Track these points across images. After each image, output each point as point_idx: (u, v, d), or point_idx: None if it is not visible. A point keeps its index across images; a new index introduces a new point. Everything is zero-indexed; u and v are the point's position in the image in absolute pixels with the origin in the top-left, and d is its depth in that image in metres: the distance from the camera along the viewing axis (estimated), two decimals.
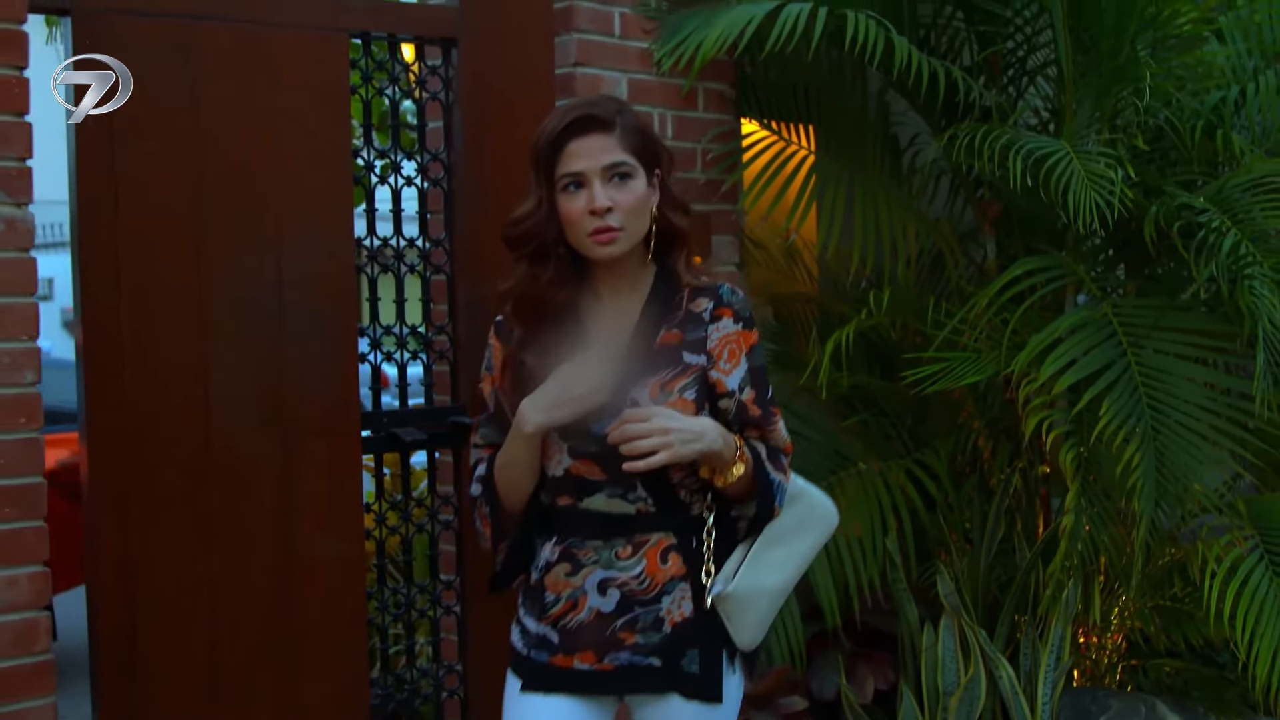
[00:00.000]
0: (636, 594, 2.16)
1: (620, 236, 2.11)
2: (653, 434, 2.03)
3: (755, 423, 2.19)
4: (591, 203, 2.09)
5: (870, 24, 3.33)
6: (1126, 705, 3.69)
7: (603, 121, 2.11)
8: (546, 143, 2.11)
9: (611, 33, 3.39)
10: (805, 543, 2.29)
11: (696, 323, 2.17)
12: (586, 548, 2.18)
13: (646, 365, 2.14)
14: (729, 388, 2.16)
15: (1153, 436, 3.09)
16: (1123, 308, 3.32)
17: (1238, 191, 3.40)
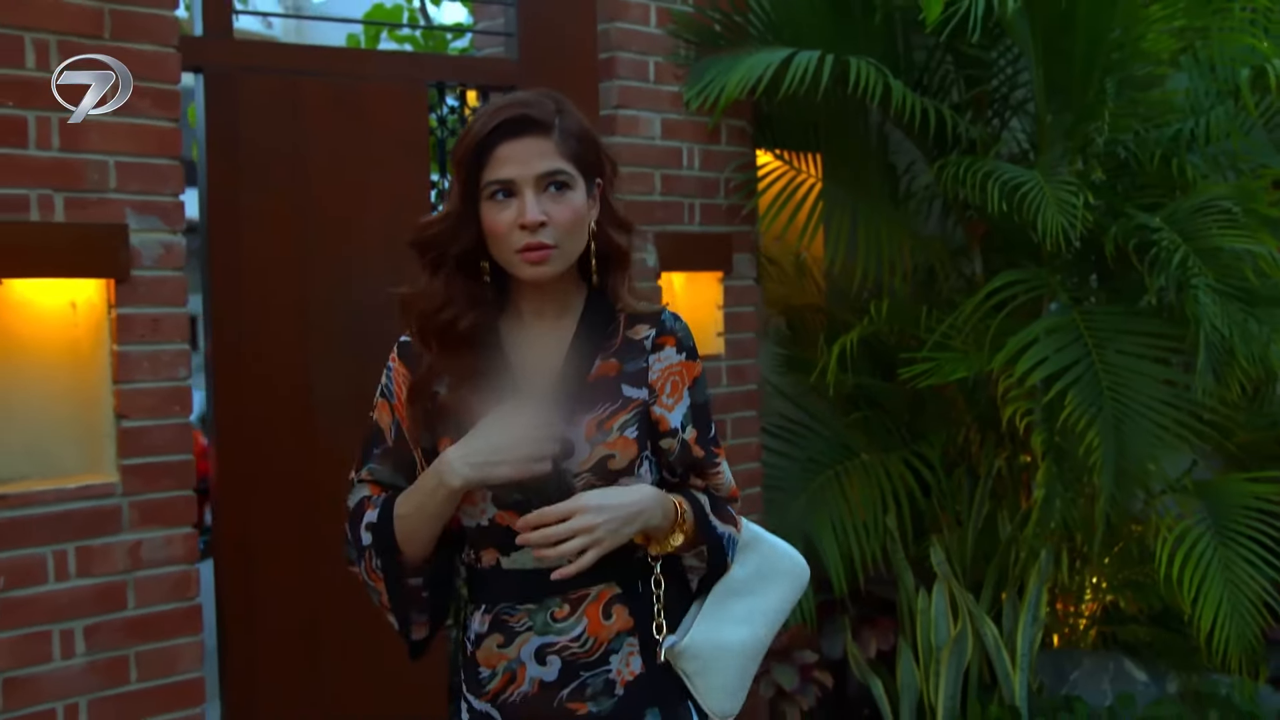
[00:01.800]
0: (579, 658, 1.90)
1: (554, 255, 1.86)
2: (575, 533, 1.80)
3: (698, 465, 1.98)
4: (522, 215, 1.83)
5: (870, 69, 3.87)
6: (1097, 663, 4.24)
7: (539, 123, 1.85)
8: (473, 144, 1.85)
9: (647, 79, 3.94)
10: (772, 595, 2.05)
11: (636, 352, 1.95)
12: (518, 613, 1.92)
13: (581, 400, 1.91)
14: (672, 425, 1.95)
15: (1113, 424, 3.63)
16: (1089, 314, 3.87)
17: (1189, 213, 3.94)
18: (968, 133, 4.13)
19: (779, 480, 4.41)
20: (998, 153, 4.24)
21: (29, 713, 2.77)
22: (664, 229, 3.96)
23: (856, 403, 4.57)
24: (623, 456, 1.89)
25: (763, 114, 4.32)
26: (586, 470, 1.88)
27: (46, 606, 2.79)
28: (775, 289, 4.64)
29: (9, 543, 2.74)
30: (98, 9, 2.85)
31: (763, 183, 4.33)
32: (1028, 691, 3.99)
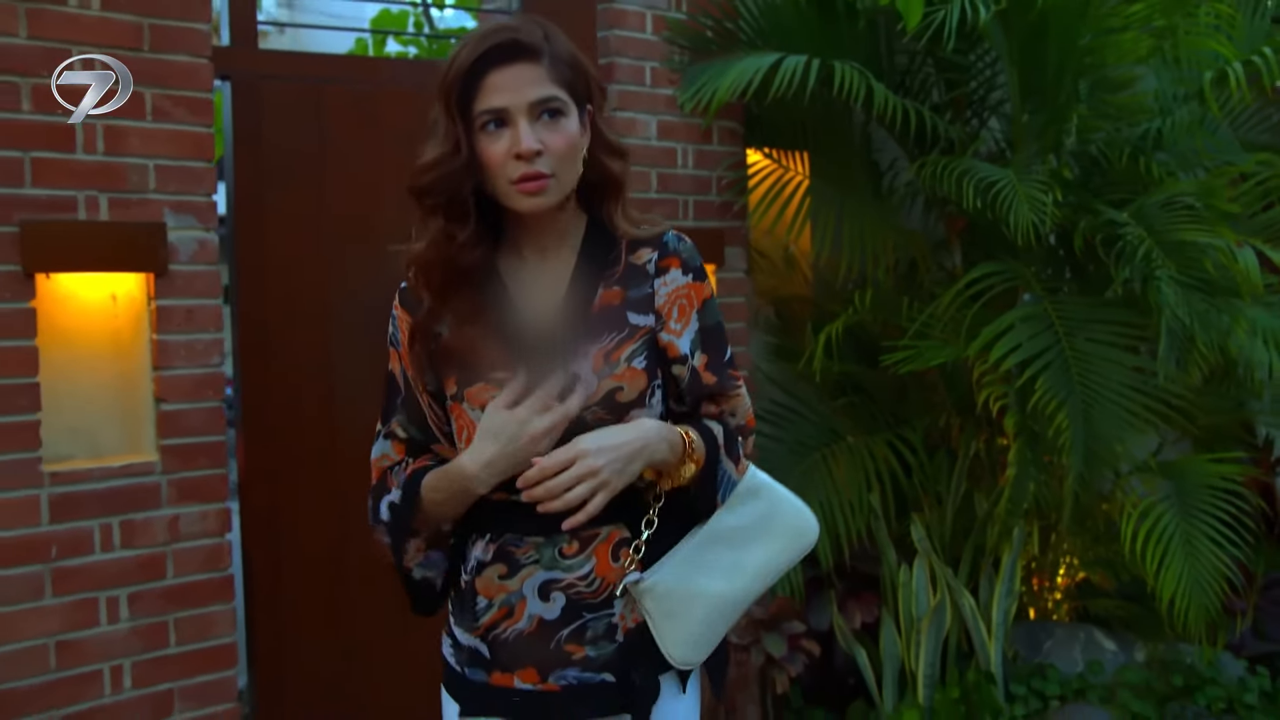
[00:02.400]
0: (585, 597, 1.87)
1: (551, 184, 1.81)
2: (580, 479, 1.76)
3: (711, 392, 1.94)
4: (517, 144, 1.78)
5: (853, 73, 4.11)
6: (1069, 634, 4.51)
7: (529, 49, 1.80)
8: (460, 73, 1.78)
9: (644, 83, 4.19)
10: (765, 551, 1.96)
11: (640, 277, 1.90)
12: (525, 545, 1.88)
13: (586, 331, 1.87)
14: (681, 351, 1.90)
15: (1081, 407, 3.89)
16: (1060, 304, 4.13)
17: (1155, 208, 4.20)
18: (946, 132, 4.38)
19: (769, 462, 4.65)
20: (975, 151, 4.49)
21: (78, 673, 3.02)
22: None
23: (842, 388, 4.82)
24: (631, 388, 1.84)
25: (752, 115, 4.56)
26: (595, 404, 1.83)
27: (94, 575, 3.04)
28: (765, 280, 4.89)
29: (60, 516, 2.98)
30: (137, 23, 3.09)
31: (753, 180, 4.58)
32: (1003, 659, 4.25)
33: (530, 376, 1.83)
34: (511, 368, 1.84)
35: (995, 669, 4.21)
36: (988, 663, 4.22)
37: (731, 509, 1.93)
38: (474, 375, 1.87)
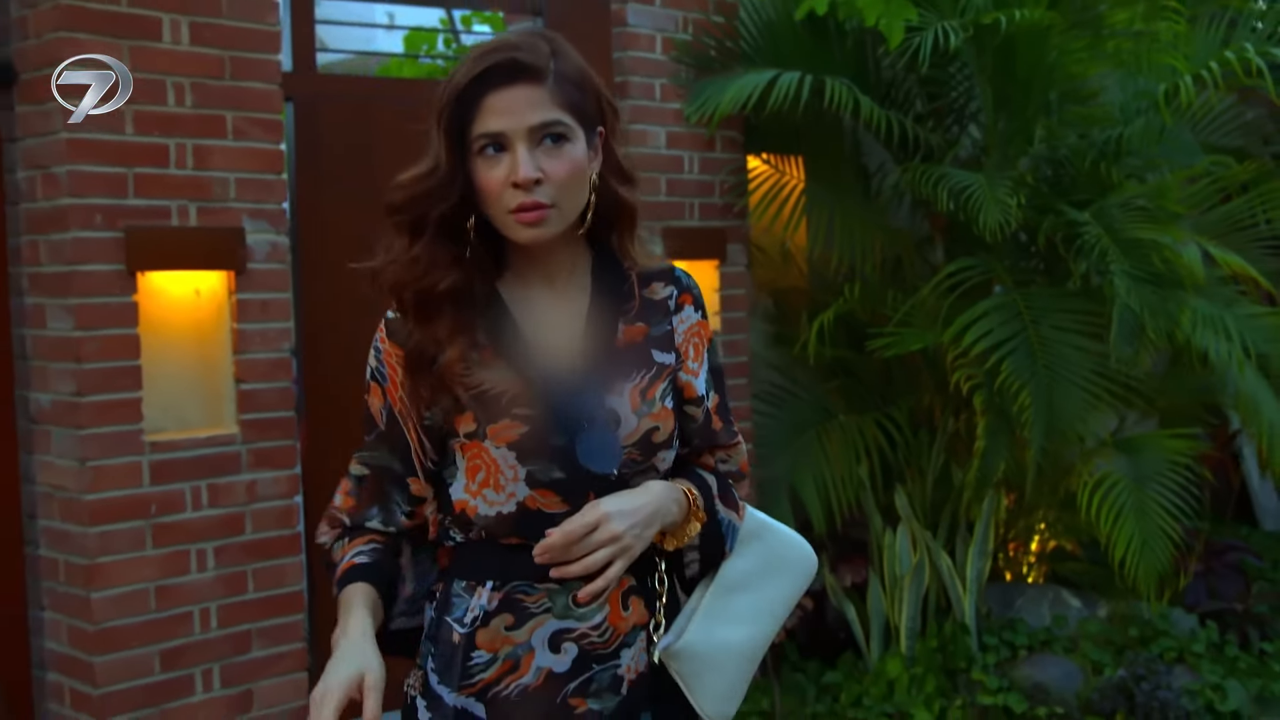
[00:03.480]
0: (596, 648, 1.80)
1: (551, 215, 1.73)
2: (602, 544, 1.72)
3: (718, 439, 1.91)
4: (515, 172, 1.69)
5: (842, 87, 4.64)
6: (1038, 593, 5.05)
7: (531, 70, 1.71)
8: (455, 93, 1.71)
9: (654, 98, 4.73)
10: (777, 590, 1.96)
11: (659, 313, 1.86)
12: (537, 592, 1.78)
13: (615, 367, 1.81)
14: (698, 392, 1.87)
15: (1044, 387, 4.43)
16: (1027, 295, 4.67)
17: (1114, 209, 4.74)
18: (927, 140, 4.92)
19: (768, 438, 5.19)
20: (955, 156, 5.03)
21: (173, 614, 3.57)
22: (668, 224, 4.75)
23: (834, 372, 5.36)
24: (665, 428, 1.80)
25: (752, 124, 5.09)
26: (631, 444, 1.78)
27: (186, 531, 3.58)
28: (764, 274, 5.43)
29: (158, 480, 3.53)
30: (220, 56, 3.63)
31: (753, 183, 5.12)
32: (976, 613, 4.80)
33: (556, 413, 1.76)
34: (535, 405, 1.76)
35: (969, 622, 4.75)
36: (963, 616, 4.77)
37: (738, 554, 1.92)
38: (496, 412, 1.76)
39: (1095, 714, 4.48)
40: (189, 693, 3.58)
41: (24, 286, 3.56)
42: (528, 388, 1.77)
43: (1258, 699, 4.55)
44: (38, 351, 3.54)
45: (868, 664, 4.84)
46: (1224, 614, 5.15)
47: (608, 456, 1.77)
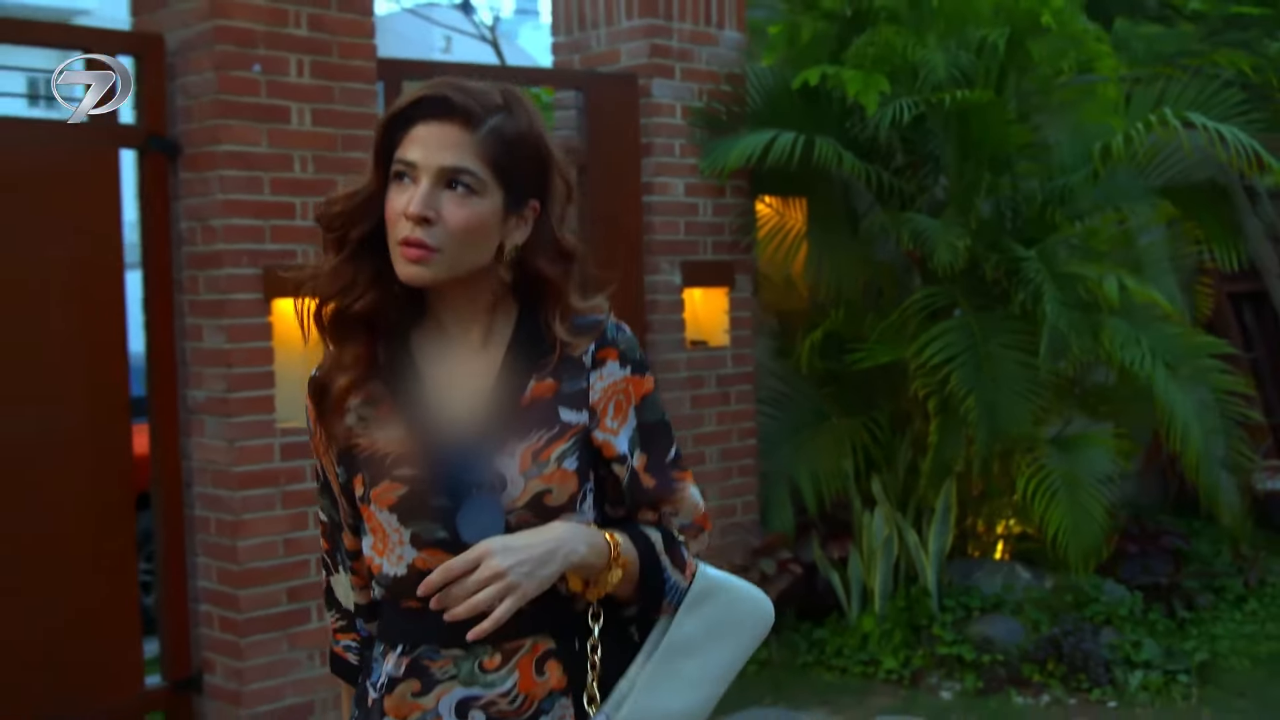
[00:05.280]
0: (507, 716, 1.78)
1: (434, 259, 1.72)
2: (485, 582, 1.68)
3: (651, 498, 1.86)
4: (409, 205, 1.71)
5: (828, 146, 5.78)
6: (994, 567, 6.18)
7: (463, 112, 1.73)
8: (390, 116, 1.76)
9: (674, 154, 5.90)
10: (727, 652, 1.89)
11: (575, 369, 1.82)
12: (442, 658, 1.79)
13: (513, 427, 1.78)
14: (619, 450, 1.83)
15: (988, 393, 5.55)
16: (978, 318, 5.79)
17: (1055, 246, 5.86)
18: (902, 188, 6.06)
19: (771, 436, 6.33)
20: (928, 201, 6.17)
21: (296, 560, 4.76)
22: (686, 258, 5.92)
23: (828, 380, 6.50)
24: (561, 491, 1.77)
25: (758, 174, 6.23)
26: (521, 507, 1.76)
27: (306, 497, 4.78)
28: (770, 297, 6.58)
29: (286, 457, 4.73)
30: (334, 134, 4.83)
31: (760, 222, 6.27)
32: (938, 581, 5.92)
33: (442, 474, 1.76)
34: (419, 465, 1.77)
35: (931, 587, 5.88)
36: (926, 582, 5.89)
37: (687, 614, 1.85)
38: (379, 473, 1.79)
39: (1031, 662, 5.59)
40: (307, 621, 4.78)
41: (185, 310, 4.76)
42: (414, 447, 1.77)
43: (1167, 652, 5.63)
44: (195, 359, 4.74)
45: (849, 622, 5.97)
46: (1154, 588, 6.23)
47: (486, 527, 1.74)
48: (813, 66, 5.95)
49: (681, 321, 5.93)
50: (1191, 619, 6.10)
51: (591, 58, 5.99)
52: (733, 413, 6.10)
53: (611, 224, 5.69)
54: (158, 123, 4.66)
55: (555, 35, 6.20)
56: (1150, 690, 5.39)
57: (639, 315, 5.79)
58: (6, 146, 4.40)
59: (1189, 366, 5.94)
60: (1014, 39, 5.76)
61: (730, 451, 6.10)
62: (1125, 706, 5.32)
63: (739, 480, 6.12)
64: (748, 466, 6.17)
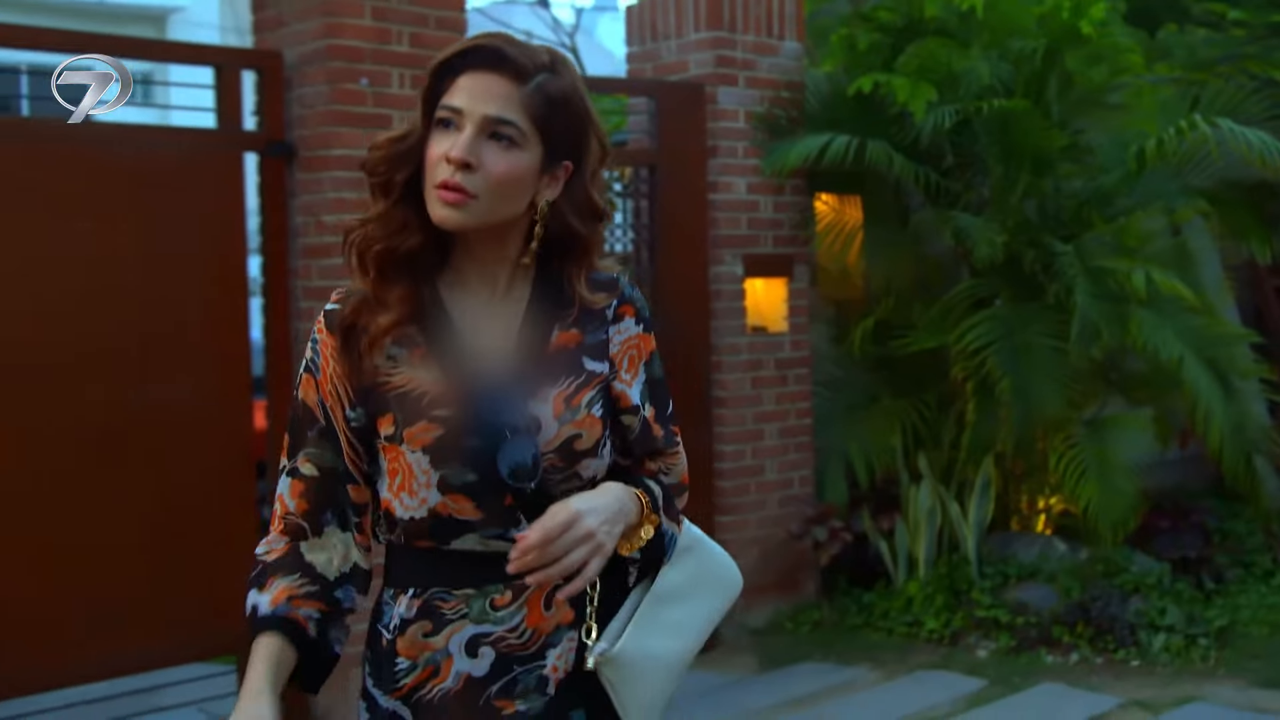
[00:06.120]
0: (514, 650, 1.84)
1: (469, 204, 1.76)
2: (579, 542, 1.75)
3: (658, 447, 1.97)
4: (452, 148, 1.75)
5: (879, 148, 6.31)
6: (1032, 539, 6.70)
7: (514, 65, 1.78)
8: (440, 62, 1.80)
9: (737, 156, 6.47)
10: (705, 606, 2.00)
11: (596, 322, 1.91)
12: (454, 599, 1.84)
13: (542, 373, 1.84)
14: (633, 401, 1.92)
15: (1023, 378, 6.07)
16: (1016, 307, 6.31)
17: (1089, 242, 6.36)
18: (950, 187, 6.58)
19: (826, 415, 6.89)
20: (975, 197, 6.69)
21: None
22: (748, 251, 6.49)
23: (881, 364, 7.04)
24: (589, 436, 1.84)
25: (815, 173, 6.77)
26: (551, 450, 1.82)
27: None
28: (827, 287, 7.13)
29: None
30: None
31: (819, 217, 6.82)
32: (978, 549, 6.46)
33: (475, 415, 1.80)
34: (455, 406, 1.80)
35: (971, 555, 6.42)
36: (966, 551, 6.43)
37: (673, 565, 1.95)
38: (415, 413, 1.81)
39: (1061, 624, 6.12)
40: None
41: (299, 294, 5.40)
42: (450, 389, 1.81)
43: (1189, 618, 6.12)
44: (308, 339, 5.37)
45: (895, 587, 6.52)
46: (1183, 561, 6.71)
47: (527, 469, 1.80)
48: (867, 74, 6.49)
49: (743, 309, 6.50)
50: (1218, 590, 6.58)
51: (662, 67, 6.58)
52: (790, 393, 6.67)
53: (679, 219, 6.27)
54: (277, 129, 5.30)
55: (629, 46, 6.80)
56: (1171, 651, 5.90)
57: (703, 303, 6.38)
58: (149, 149, 5.06)
59: (1216, 354, 6.41)
60: (1051, 50, 6.26)
61: (788, 429, 6.66)
62: (1146, 665, 5.83)
63: (795, 456, 6.68)
64: (804, 443, 6.73)
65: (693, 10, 6.46)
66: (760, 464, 6.55)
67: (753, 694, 5.68)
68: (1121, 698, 5.45)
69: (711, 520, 6.38)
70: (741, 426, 6.49)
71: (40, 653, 4.65)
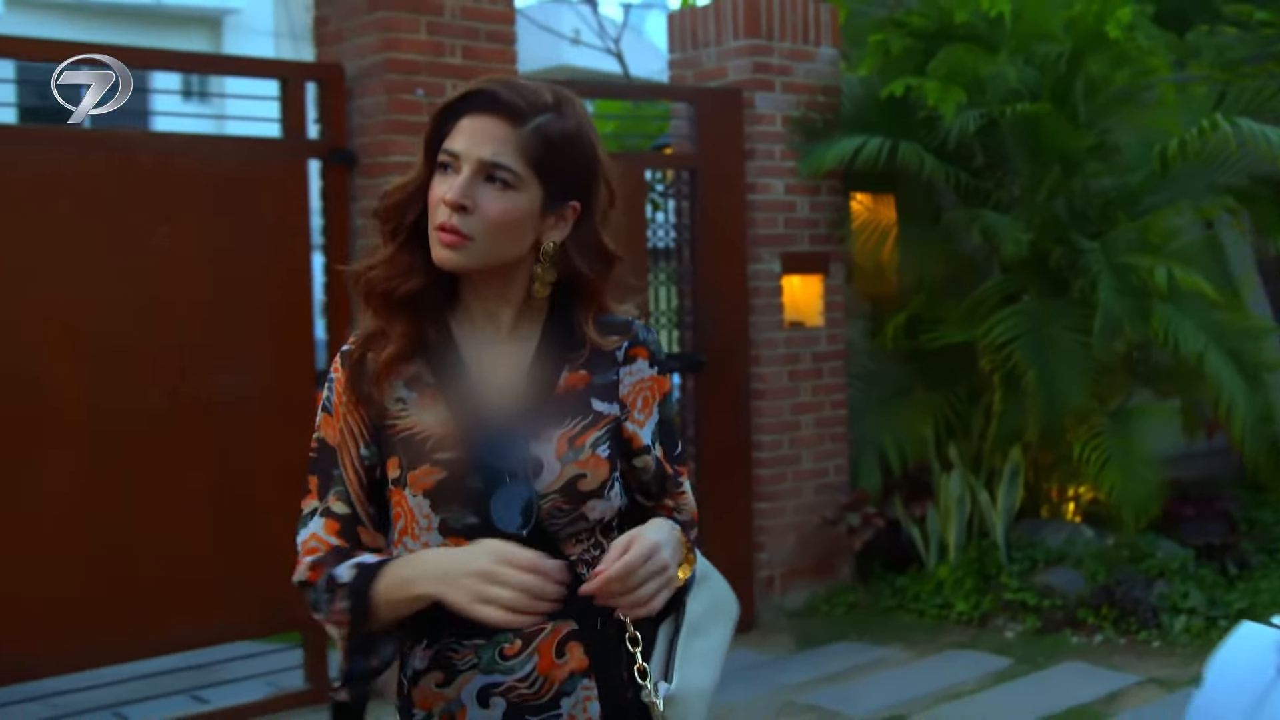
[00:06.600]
0: (526, 699, 1.84)
1: (467, 247, 1.79)
2: (654, 575, 1.76)
3: (670, 487, 1.98)
4: (447, 191, 1.79)
5: (911, 149, 6.60)
6: (1060, 526, 6.97)
7: (509, 109, 1.80)
8: (443, 108, 1.84)
9: (774, 158, 6.78)
10: (721, 632, 2.02)
11: (606, 363, 1.92)
12: (464, 648, 1.85)
13: (548, 414, 1.86)
14: (644, 442, 1.94)
15: (1047, 370, 6.34)
16: (1042, 302, 6.58)
17: (1115, 239, 6.62)
18: (980, 186, 6.86)
19: (861, 406, 7.18)
20: (1006, 195, 6.96)
21: None
22: (785, 249, 6.79)
23: (914, 357, 7.32)
24: (594, 476, 1.85)
25: (849, 173, 7.05)
26: (554, 491, 1.83)
27: None
28: (862, 283, 7.42)
29: None
30: None
31: (854, 216, 7.11)
32: (1006, 535, 6.74)
33: (476, 458, 1.81)
34: (457, 449, 1.82)
35: (1000, 541, 6.70)
36: (995, 537, 6.71)
37: (692, 597, 1.97)
38: (418, 457, 1.84)
39: (1087, 607, 6.39)
40: None
41: None
42: (453, 431, 1.83)
43: (1210, 601, 6.37)
44: None
45: (927, 571, 6.81)
46: (1208, 548, 6.96)
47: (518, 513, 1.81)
48: (900, 78, 6.78)
49: (780, 305, 6.81)
50: (1241, 576, 6.82)
51: (703, 73, 6.90)
52: (825, 385, 6.97)
53: (719, 219, 6.59)
54: (338, 138, 5.66)
55: (671, 53, 7.13)
56: (1191, 633, 6.16)
57: (742, 299, 6.69)
58: (221, 157, 5.43)
59: (1240, 347, 6.65)
60: (1075, 54, 6.53)
61: (823, 420, 6.97)
62: (1167, 646, 6.10)
63: (831, 445, 6.99)
64: (839, 434, 7.03)
65: (732, 19, 6.77)
66: (797, 453, 6.86)
67: (789, 671, 5.99)
68: (1140, 676, 5.73)
69: (750, 507, 6.71)
70: (779, 417, 6.80)
71: (112, 628, 5.03)
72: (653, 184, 6.76)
